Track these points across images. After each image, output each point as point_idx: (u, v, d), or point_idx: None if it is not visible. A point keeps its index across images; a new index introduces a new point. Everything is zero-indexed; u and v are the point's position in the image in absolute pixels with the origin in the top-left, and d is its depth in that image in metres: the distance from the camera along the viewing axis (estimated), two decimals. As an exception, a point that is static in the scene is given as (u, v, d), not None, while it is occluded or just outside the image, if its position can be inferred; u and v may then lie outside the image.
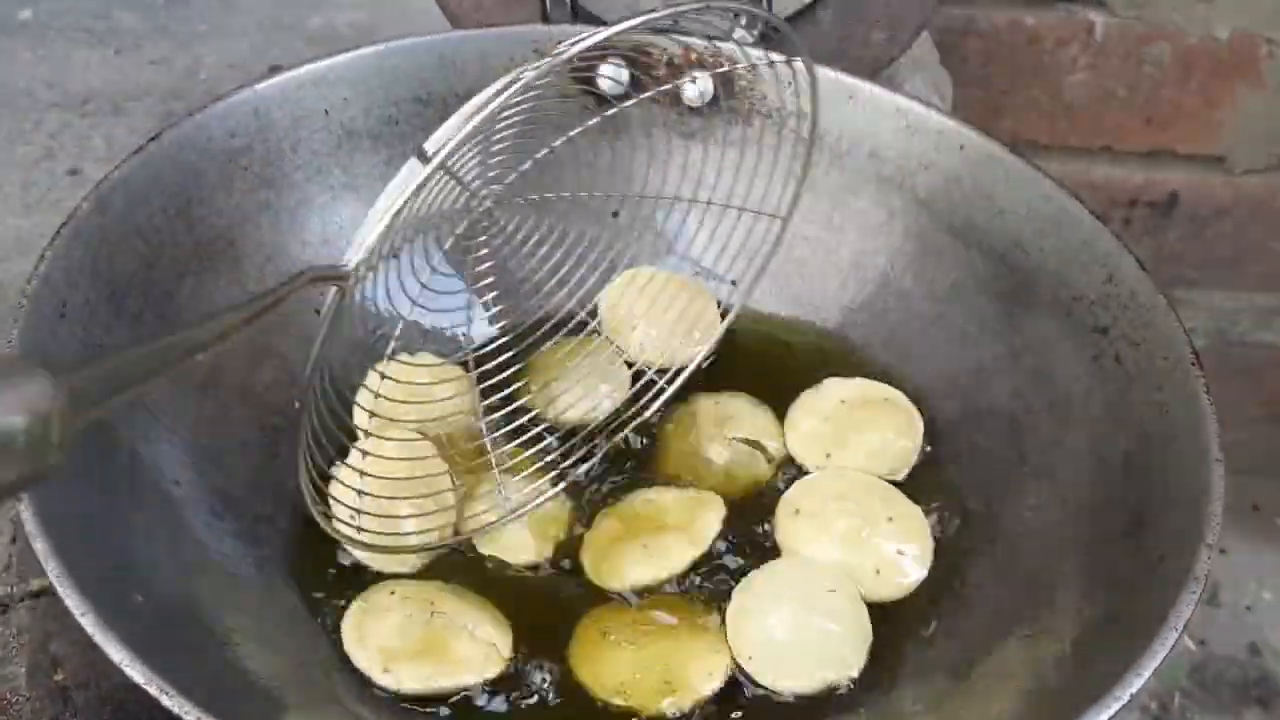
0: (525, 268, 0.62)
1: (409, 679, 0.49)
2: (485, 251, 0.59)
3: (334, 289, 0.43)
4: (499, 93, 0.45)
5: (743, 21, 0.67)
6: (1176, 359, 0.52)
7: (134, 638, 0.39)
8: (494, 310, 0.63)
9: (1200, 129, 1.00)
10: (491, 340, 0.61)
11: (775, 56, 0.56)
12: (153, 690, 0.37)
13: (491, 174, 0.55)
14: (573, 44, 0.47)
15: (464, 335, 0.61)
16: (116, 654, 0.38)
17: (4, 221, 0.71)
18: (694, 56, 0.66)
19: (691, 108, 0.66)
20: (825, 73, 0.64)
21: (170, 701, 0.37)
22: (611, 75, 0.65)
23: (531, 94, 0.49)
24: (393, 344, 0.54)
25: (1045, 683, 0.46)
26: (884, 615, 0.53)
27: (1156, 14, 0.95)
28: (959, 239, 0.61)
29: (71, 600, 0.40)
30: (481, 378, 0.59)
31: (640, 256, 0.64)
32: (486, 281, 0.61)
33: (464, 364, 0.59)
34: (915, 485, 0.58)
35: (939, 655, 0.51)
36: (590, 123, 0.58)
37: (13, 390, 0.29)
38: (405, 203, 0.43)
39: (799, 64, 0.56)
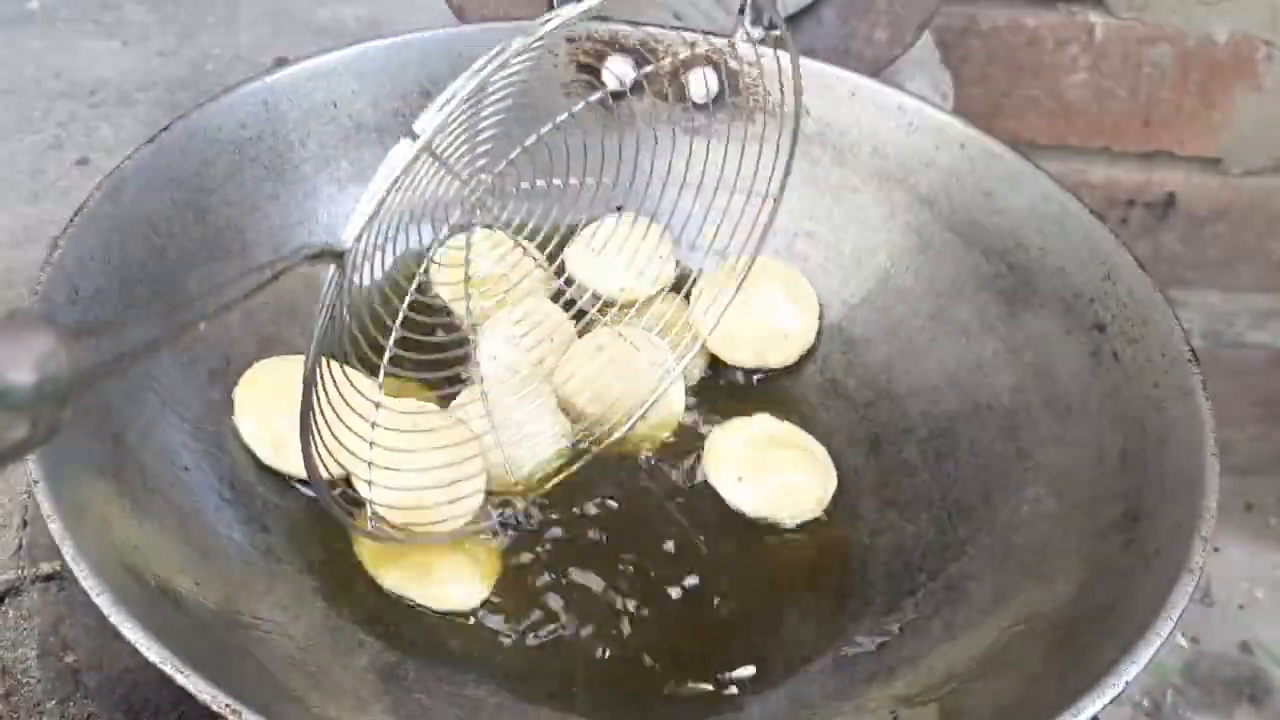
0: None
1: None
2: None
3: (332, 268, 0.43)
4: (485, 64, 0.46)
5: (748, 19, 0.68)
6: (1173, 355, 0.53)
7: (147, 619, 0.40)
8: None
9: (1198, 130, 1.01)
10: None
11: (752, 31, 0.58)
12: (168, 669, 0.38)
13: (481, 161, 0.55)
14: (554, 17, 0.48)
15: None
16: (131, 634, 0.39)
17: (13, 210, 0.71)
18: (701, 53, 0.66)
19: (697, 104, 0.67)
20: (828, 70, 0.65)
21: (185, 680, 0.38)
22: (617, 71, 0.66)
23: (518, 75, 0.50)
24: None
25: (1041, 673, 0.47)
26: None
27: (1156, 16, 0.95)
28: (959, 236, 0.62)
29: (87, 581, 0.40)
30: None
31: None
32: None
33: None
34: (913, 480, 0.59)
35: (932, 646, 0.52)
36: (577, 108, 0.59)
37: (21, 345, 0.28)
38: (395, 182, 0.43)
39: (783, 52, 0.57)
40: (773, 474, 0.58)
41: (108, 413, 0.50)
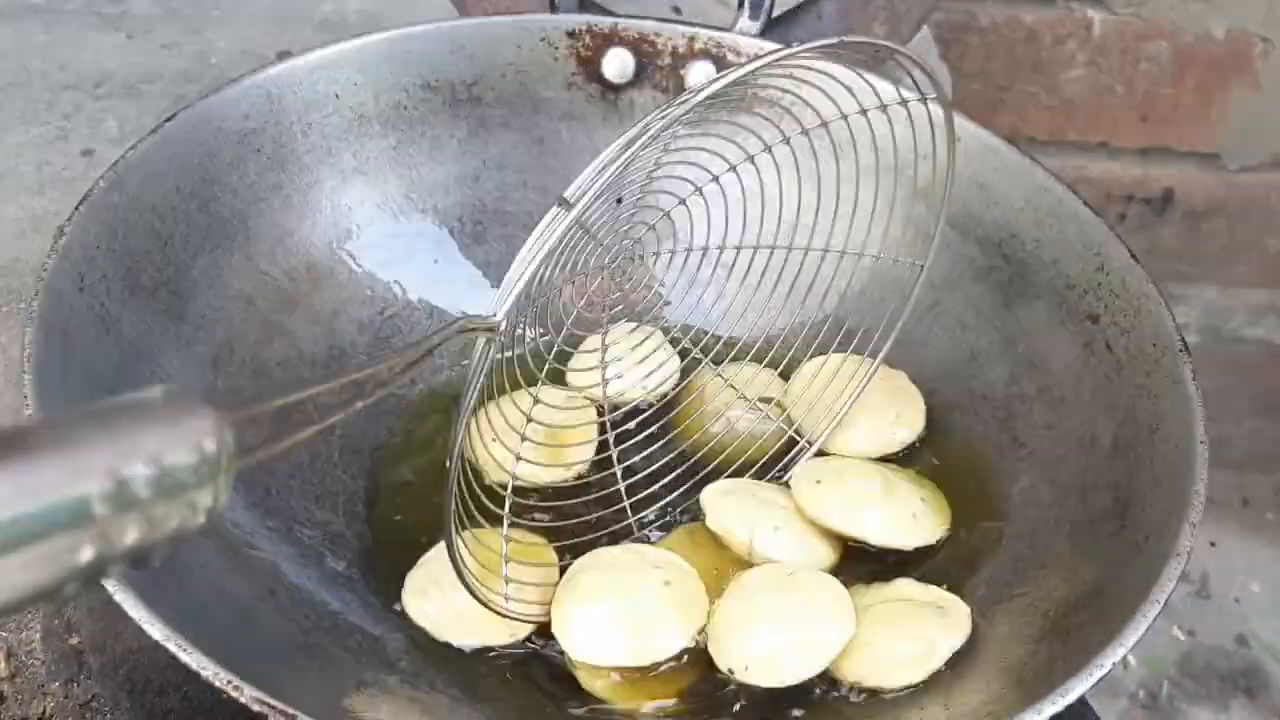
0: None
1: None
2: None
3: (482, 338, 0.43)
4: (637, 134, 0.45)
5: (746, 13, 0.68)
6: (1165, 346, 0.54)
7: (151, 598, 0.40)
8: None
9: (1196, 126, 1.01)
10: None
11: (909, 95, 0.55)
12: (171, 646, 0.39)
13: (625, 226, 0.55)
14: (710, 84, 0.46)
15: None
16: (134, 611, 0.39)
17: (19, 201, 0.72)
18: (697, 47, 0.67)
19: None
20: (827, 65, 0.65)
21: (188, 657, 0.38)
22: (618, 64, 0.66)
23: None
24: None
25: (1030, 657, 0.48)
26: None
27: (1154, 12, 0.96)
28: (956, 228, 0.63)
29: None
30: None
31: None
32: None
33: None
34: (910, 467, 0.59)
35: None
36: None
37: (180, 427, 0.26)
38: (550, 253, 0.44)
39: (934, 106, 0.54)
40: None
41: (108, 393, 0.50)
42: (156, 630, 0.39)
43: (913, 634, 0.50)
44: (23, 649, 0.51)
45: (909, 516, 0.55)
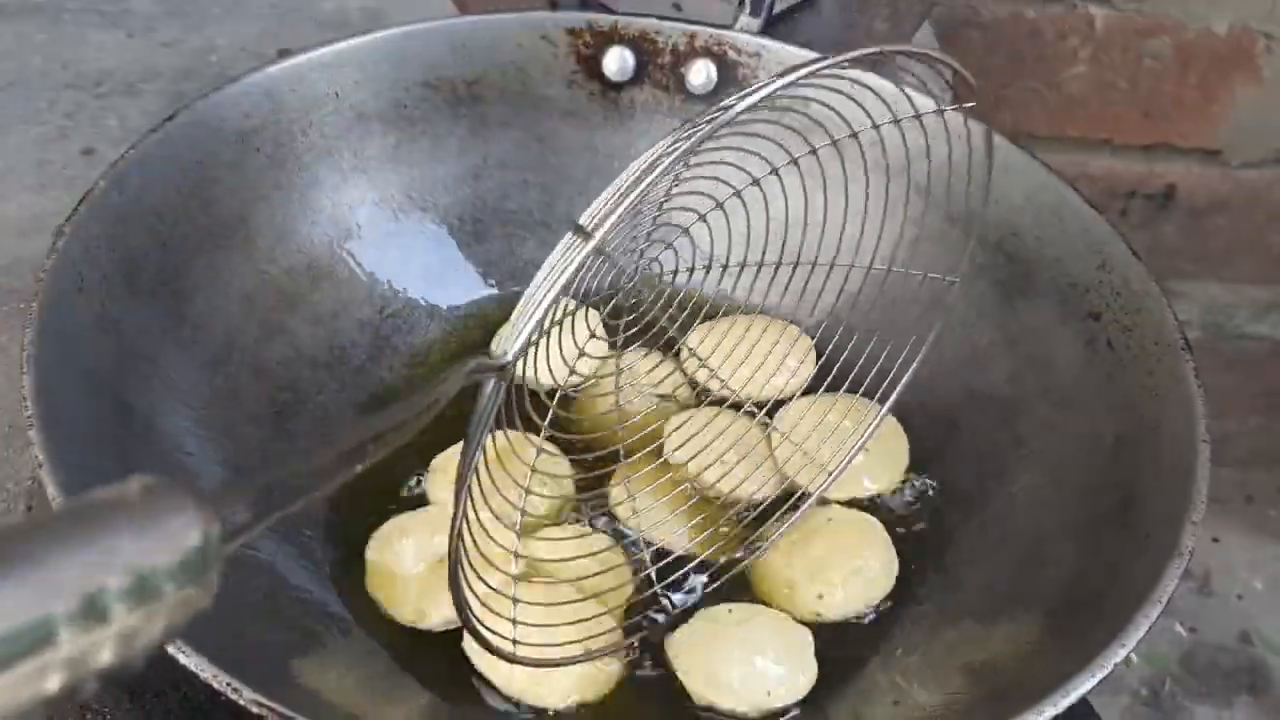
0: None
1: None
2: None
3: (491, 379, 0.40)
4: (654, 158, 0.42)
5: (747, 9, 0.68)
6: (1167, 343, 0.53)
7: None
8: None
9: (1198, 122, 1.01)
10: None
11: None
12: (170, 649, 0.39)
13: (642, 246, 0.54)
14: (730, 104, 0.43)
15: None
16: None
17: (20, 199, 0.72)
18: (698, 44, 0.67)
19: (696, 94, 0.67)
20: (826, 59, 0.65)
21: (187, 660, 0.39)
22: (618, 62, 0.66)
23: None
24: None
25: (1033, 655, 0.47)
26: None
27: (1156, 8, 0.96)
28: (957, 226, 0.62)
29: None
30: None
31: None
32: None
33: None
34: (911, 467, 0.59)
35: (931, 627, 0.53)
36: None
37: (160, 528, 0.24)
38: (566, 285, 0.40)
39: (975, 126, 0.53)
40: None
41: (113, 396, 0.50)
42: (156, 631, 0.39)
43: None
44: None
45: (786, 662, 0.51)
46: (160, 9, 0.87)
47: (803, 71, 0.44)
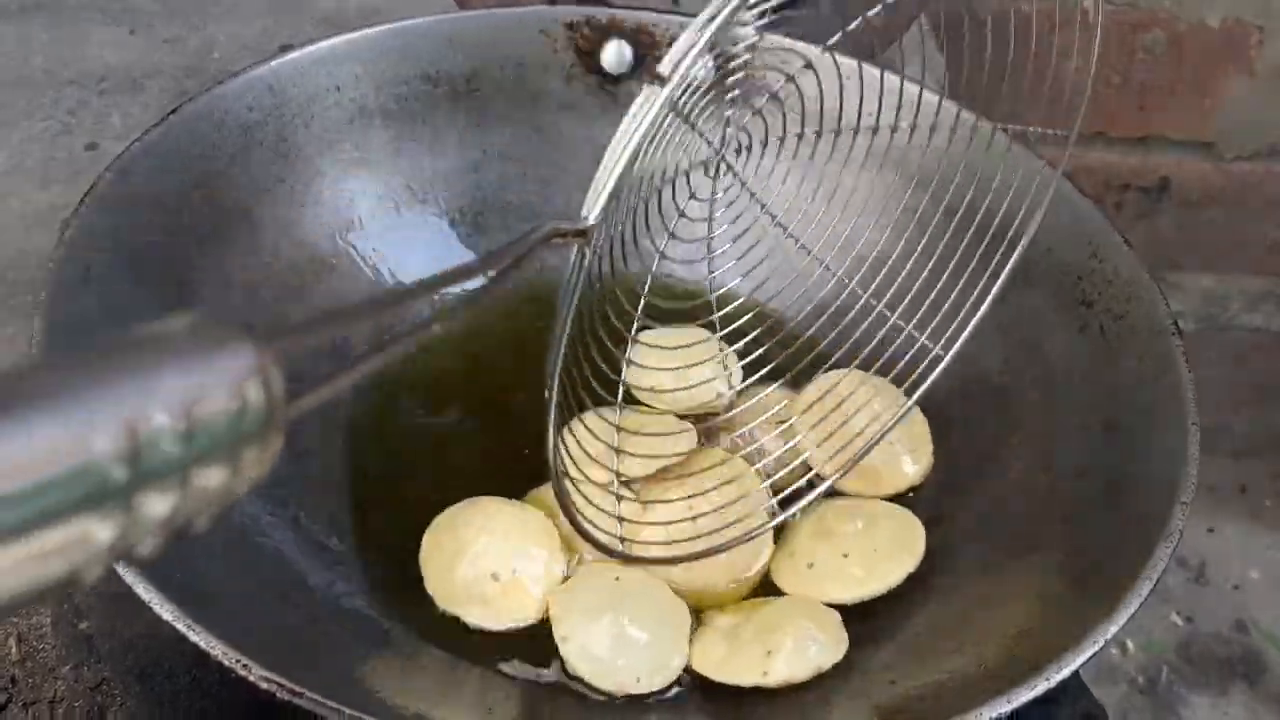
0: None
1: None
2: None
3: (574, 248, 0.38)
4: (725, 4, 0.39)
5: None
6: (1157, 330, 0.54)
7: (159, 580, 0.41)
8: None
9: (1191, 115, 1.02)
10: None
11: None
12: (180, 626, 0.39)
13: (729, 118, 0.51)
14: None
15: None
16: (145, 593, 0.40)
17: (24, 195, 0.73)
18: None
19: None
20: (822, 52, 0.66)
21: (197, 637, 0.39)
22: (615, 55, 0.67)
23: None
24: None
25: (1024, 637, 0.48)
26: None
27: (1149, 1, 0.96)
28: (952, 216, 0.63)
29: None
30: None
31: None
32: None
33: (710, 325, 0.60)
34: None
35: (924, 611, 0.53)
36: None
37: (215, 366, 0.20)
38: (645, 136, 0.37)
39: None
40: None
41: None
42: (166, 611, 0.40)
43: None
44: (34, 634, 0.52)
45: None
46: (161, 7, 0.88)
47: None
